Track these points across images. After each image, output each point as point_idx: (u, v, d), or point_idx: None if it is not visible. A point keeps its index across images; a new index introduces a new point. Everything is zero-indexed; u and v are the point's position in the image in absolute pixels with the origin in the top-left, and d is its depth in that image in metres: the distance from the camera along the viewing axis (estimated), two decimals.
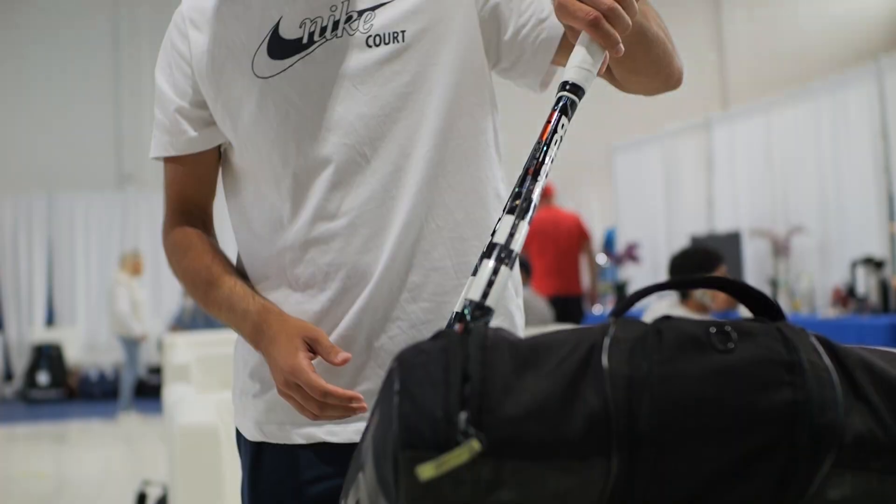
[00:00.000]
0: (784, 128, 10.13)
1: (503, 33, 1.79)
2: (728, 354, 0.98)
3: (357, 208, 1.69)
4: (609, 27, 1.39)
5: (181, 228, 1.83)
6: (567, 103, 1.39)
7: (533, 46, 1.77)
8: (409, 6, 1.73)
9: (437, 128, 1.72)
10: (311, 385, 1.57)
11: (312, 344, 1.62)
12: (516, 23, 1.78)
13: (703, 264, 5.22)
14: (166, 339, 7.64)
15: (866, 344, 3.77)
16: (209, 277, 1.76)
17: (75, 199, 14.17)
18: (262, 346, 1.67)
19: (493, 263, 1.22)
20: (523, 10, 1.78)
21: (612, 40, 1.40)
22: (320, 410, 1.58)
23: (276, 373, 1.62)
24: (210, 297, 1.77)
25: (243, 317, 1.71)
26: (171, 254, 1.84)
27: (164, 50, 1.84)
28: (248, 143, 1.75)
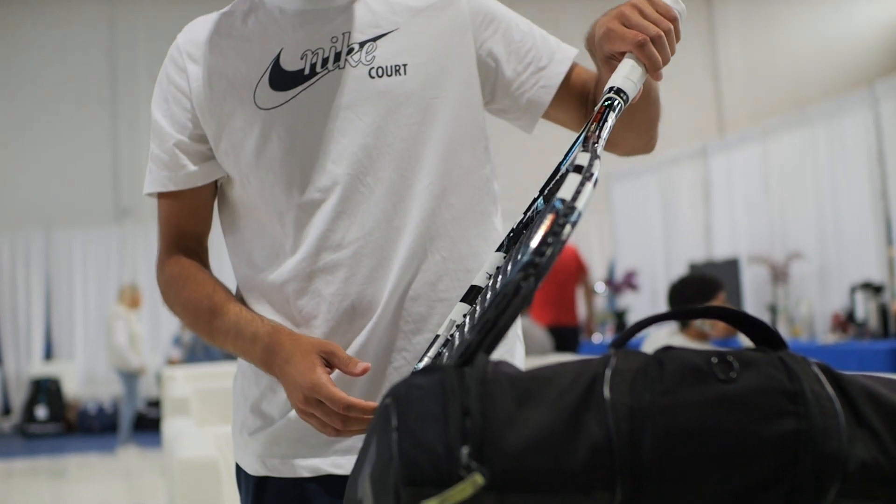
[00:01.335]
0: (781, 154, 10.15)
1: (500, 75, 1.83)
2: (730, 384, 0.98)
3: (361, 239, 1.69)
4: (655, 51, 1.47)
5: (177, 261, 1.81)
6: (615, 103, 1.42)
7: (529, 94, 1.83)
8: (409, 40, 1.75)
9: (440, 160, 1.73)
10: (334, 398, 1.53)
11: (329, 358, 1.59)
12: (514, 68, 1.83)
13: (702, 292, 5.21)
14: (165, 372, 7.61)
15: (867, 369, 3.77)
16: (212, 306, 1.74)
17: (73, 233, 14.18)
18: (276, 367, 1.63)
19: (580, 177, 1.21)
20: (522, 56, 1.83)
21: (656, 63, 1.48)
22: (343, 425, 1.55)
23: (294, 391, 1.58)
24: (214, 326, 1.74)
25: (252, 340, 1.68)
26: (168, 287, 1.82)
27: (160, 84, 1.83)
28: (251, 176, 1.75)
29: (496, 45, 1.83)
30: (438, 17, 1.81)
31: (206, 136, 1.77)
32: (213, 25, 1.82)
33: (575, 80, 1.87)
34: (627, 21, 1.51)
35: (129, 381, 11.38)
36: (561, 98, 1.86)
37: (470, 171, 1.78)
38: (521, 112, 1.87)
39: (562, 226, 1.11)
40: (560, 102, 1.86)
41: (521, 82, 1.84)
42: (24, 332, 14.10)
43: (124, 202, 14.18)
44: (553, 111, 1.87)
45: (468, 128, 1.79)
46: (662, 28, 1.50)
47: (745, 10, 16.62)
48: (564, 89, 1.86)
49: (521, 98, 1.85)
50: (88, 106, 14.44)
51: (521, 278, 1.07)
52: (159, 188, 1.81)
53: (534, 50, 1.85)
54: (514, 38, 1.85)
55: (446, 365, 1.00)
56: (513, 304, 1.05)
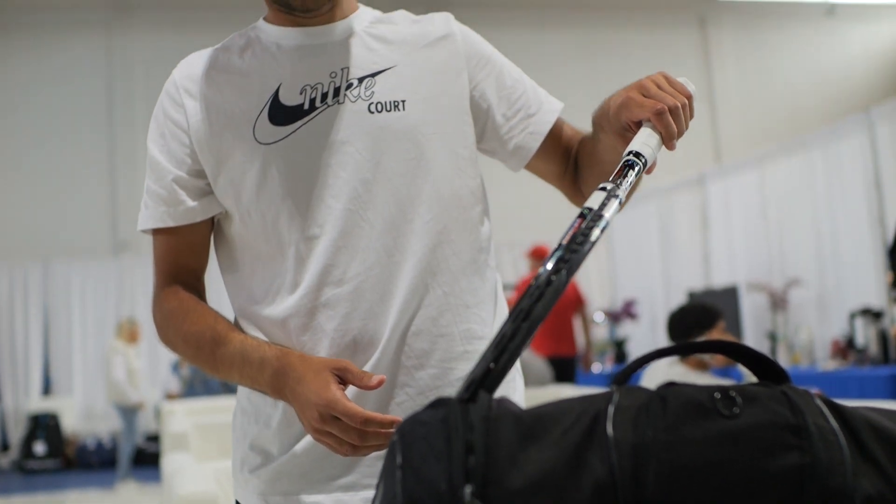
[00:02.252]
0: (778, 181, 10.17)
1: (490, 118, 1.87)
2: (733, 419, 0.97)
3: (362, 273, 1.70)
4: (671, 120, 1.52)
5: (176, 296, 1.81)
6: (634, 164, 1.46)
7: (517, 139, 1.88)
8: (407, 77, 1.78)
9: (439, 195, 1.74)
10: (351, 413, 1.52)
11: (342, 374, 1.58)
12: (504, 113, 1.88)
13: (701, 321, 5.21)
14: (164, 406, 7.59)
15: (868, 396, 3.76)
16: (215, 336, 1.73)
17: (71, 267, 14.17)
18: (288, 388, 1.62)
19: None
20: (513, 101, 1.88)
21: (672, 132, 1.53)
22: (361, 440, 1.54)
23: (309, 411, 1.56)
24: (218, 356, 1.72)
25: (261, 366, 1.67)
26: (167, 322, 1.81)
27: (157, 120, 1.83)
28: (251, 211, 1.75)
29: (489, 87, 1.88)
30: (435, 54, 1.84)
31: (204, 172, 1.77)
32: (209, 61, 1.82)
33: (560, 133, 1.93)
34: (647, 91, 1.57)
35: (127, 416, 11.34)
36: (546, 148, 1.91)
37: (467, 207, 1.80)
38: (508, 155, 1.92)
39: (590, 228, 1.20)
40: (544, 152, 1.91)
41: (510, 127, 1.89)
42: (22, 367, 14.06)
43: (122, 235, 14.18)
44: (535, 160, 1.92)
45: (465, 164, 1.81)
46: (679, 101, 1.55)
47: (739, 38, 16.71)
48: (550, 140, 1.91)
49: (509, 142, 1.89)
50: (86, 138, 14.47)
51: (553, 271, 1.11)
52: (157, 224, 1.81)
53: (524, 97, 1.90)
54: (506, 83, 1.90)
55: (451, 399, 1.00)
56: (546, 295, 1.10)
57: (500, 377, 1.03)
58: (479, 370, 1.03)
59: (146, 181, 1.83)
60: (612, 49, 16.16)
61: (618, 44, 16.20)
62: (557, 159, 1.94)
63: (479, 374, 1.03)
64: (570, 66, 15.86)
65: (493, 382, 1.03)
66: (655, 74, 1.61)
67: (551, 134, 1.91)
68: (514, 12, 15.78)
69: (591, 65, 15.99)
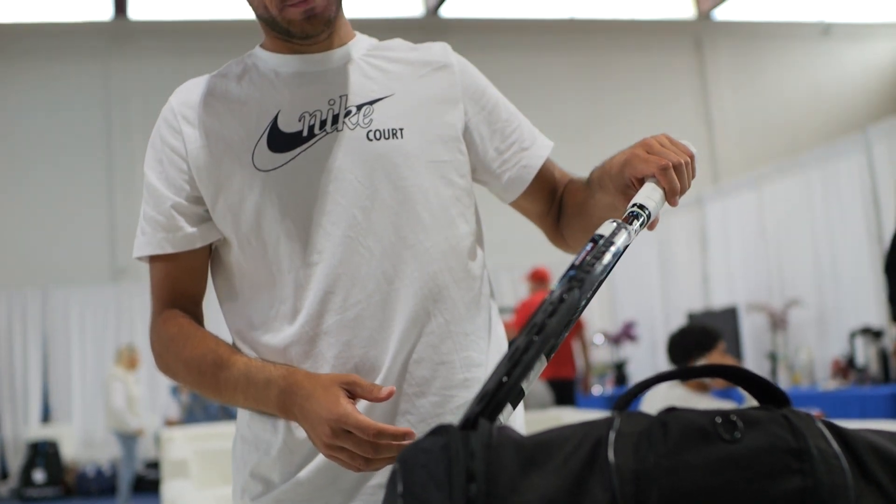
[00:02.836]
0: (776, 201, 10.17)
1: (484, 151, 1.90)
2: (735, 444, 0.97)
3: (363, 301, 1.70)
4: (675, 176, 1.55)
5: (175, 322, 1.80)
6: (639, 214, 1.50)
7: (511, 173, 1.91)
8: (405, 105, 1.79)
9: (437, 223, 1.75)
10: (364, 426, 1.51)
11: (351, 388, 1.57)
12: (498, 146, 1.91)
13: (701, 343, 5.21)
14: (164, 433, 7.57)
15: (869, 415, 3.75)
16: (217, 360, 1.72)
17: (70, 293, 14.14)
18: (296, 406, 1.61)
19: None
20: (507, 135, 1.92)
21: (675, 187, 1.56)
22: (375, 452, 1.53)
23: (320, 426, 1.55)
24: (222, 379, 1.71)
25: (266, 386, 1.66)
26: (166, 348, 1.80)
27: (154, 146, 1.83)
28: (250, 237, 1.75)
29: (484, 120, 1.90)
30: (433, 84, 1.86)
31: (202, 199, 1.77)
32: (206, 87, 1.83)
33: (548, 173, 1.97)
34: (651, 149, 1.59)
35: (127, 443, 11.30)
36: (533, 186, 1.94)
37: (463, 235, 1.81)
38: (500, 187, 1.94)
39: (602, 252, 1.23)
40: (531, 190, 1.95)
41: (504, 160, 1.91)
42: (21, 395, 14.02)
43: (121, 262, 14.17)
44: (521, 197, 1.95)
45: (461, 193, 1.83)
46: (682, 158, 1.58)
47: (735, 59, 16.76)
48: (538, 178, 1.94)
49: (502, 175, 1.92)
50: (84, 165, 14.48)
51: (565, 289, 1.13)
52: (156, 250, 1.80)
53: (518, 131, 1.94)
54: (502, 116, 1.93)
55: (451, 427, 1.00)
56: (559, 311, 1.11)
57: (512, 390, 1.03)
58: (491, 383, 1.03)
59: (143, 207, 1.83)
60: (609, 71, 16.21)
61: (615, 66, 16.25)
62: (543, 198, 1.97)
63: (491, 387, 1.03)
64: (567, 88, 15.91)
65: (506, 395, 1.03)
66: (659, 135, 1.64)
67: (540, 172, 1.94)
68: (511, 36, 15.84)
69: (589, 87, 16.04)
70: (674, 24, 16.73)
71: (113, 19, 14.67)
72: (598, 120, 15.88)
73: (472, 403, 1.03)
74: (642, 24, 16.59)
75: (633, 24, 16.55)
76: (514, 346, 1.06)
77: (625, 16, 16.55)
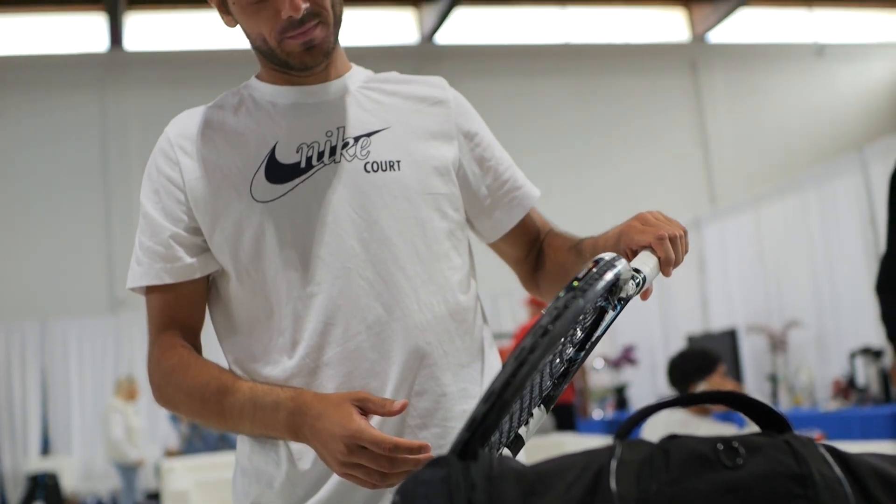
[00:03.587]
0: (773, 222, 10.17)
1: (476, 188, 1.93)
2: (737, 471, 0.97)
3: (363, 332, 1.70)
4: (670, 247, 1.59)
5: (175, 352, 1.79)
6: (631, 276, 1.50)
7: (501, 210, 1.95)
8: (402, 138, 1.80)
9: (435, 255, 1.77)
10: (379, 441, 1.51)
11: (362, 404, 1.57)
12: (489, 185, 1.94)
13: (701, 366, 5.21)
14: (164, 463, 7.54)
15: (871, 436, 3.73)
16: (221, 386, 1.71)
17: (68, 325, 14.11)
18: (307, 427, 1.60)
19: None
20: (499, 174, 1.95)
21: (670, 257, 1.59)
22: (392, 466, 1.52)
23: (334, 445, 1.54)
24: (227, 406, 1.70)
25: (274, 408, 1.65)
26: (166, 379, 1.78)
27: (150, 177, 1.83)
28: (248, 269, 1.74)
29: (477, 158, 1.93)
30: (429, 118, 1.87)
31: (200, 229, 1.78)
32: (203, 119, 1.83)
33: (533, 219, 2.01)
34: (647, 222, 1.64)
35: (127, 474, 11.27)
36: (518, 229, 1.98)
37: (458, 267, 1.83)
38: (486, 225, 1.97)
39: (604, 271, 1.25)
40: (516, 233, 1.98)
41: (496, 197, 1.94)
42: (20, 427, 13.96)
43: (119, 292, 14.15)
44: (501, 240, 1.99)
45: (454, 226, 1.85)
46: (677, 231, 1.62)
47: (730, 81, 16.80)
48: (524, 222, 1.98)
49: (492, 212, 1.95)
50: (81, 196, 14.48)
51: (569, 298, 1.14)
52: (154, 281, 1.79)
53: (510, 171, 1.97)
54: (495, 154, 1.96)
55: (451, 458, 0.99)
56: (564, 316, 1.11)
57: (519, 388, 1.03)
58: (498, 383, 1.03)
59: (139, 238, 1.82)
60: (604, 95, 16.25)
61: (610, 90, 16.29)
62: (524, 244, 2.00)
63: (498, 387, 1.03)
64: (563, 112, 15.94)
65: (513, 393, 1.03)
66: (653, 211, 1.68)
67: (525, 217, 1.98)
68: (506, 61, 15.88)
69: (585, 111, 16.08)
70: (668, 48, 16.78)
71: (108, 50, 14.70)
72: (594, 143, 15.91)
73: (478, 404, 1.03)
74: (637, 48, 16.64)
75: (628, 48, 16.60)
76: (520, 346, 1.06)
77: (619, 40, 16.60)
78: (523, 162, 2.07)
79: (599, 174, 15.66)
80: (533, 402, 1.46)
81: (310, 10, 1.71)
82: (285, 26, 1.71)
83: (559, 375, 1.50)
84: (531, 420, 1.46)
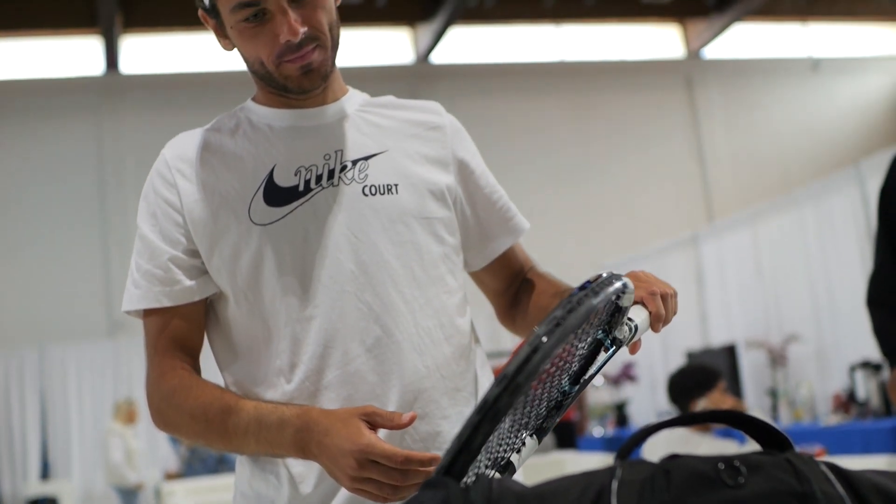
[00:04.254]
0: (771, 237, 10.17)
1: (470, 215, 1.94)
2: (739, 489, 0.96)
3: (362, 355, 1.69)
4: (661, 303, 1.60)
5: (175, 374, 1.78)
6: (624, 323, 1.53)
7: (492, 238, 1.97)
8: (399, 162, 1.81)
9: (431, 279, 1.77)
10: (391, 454, 1.51)
11: (370, 419, 1.56)
12: (481, 214, 1.96)
13: (701, 383, 5.20)
14: (164, 487, 7.52)
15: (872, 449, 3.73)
16: (225, 406, 1.70)
17: (66, 349, 14.08)
18: (314, 444, 1.59)
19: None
20: (493, 203, 1.97)
21: (660, 313, 1.61)
22: (404, 479, 1.51)
23: (343, 460, 1.53)
24: (231, 426, 1.69)
25: (280, 426, 1.64)
26: (167, 402, 1.77)
27: (147, 199, 1.82)
28: (246, 291, 1.74)
29: (471, 184, 1.94)
30: (425, 143, 1.88)
31: (198, 251, 1.77)
32: (200, 141, 1.83)
33: (516, 253, 2.02)
34: (638, 279, 1.64)
35: (127, 497, 11.24)
36: (502, 261, 1.99)
37: (453, 291, 1.84)
38: (476, 251, 1.98)
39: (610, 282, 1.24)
40: (499, 265, 2.00)
41: (487, 225, 1.96)
42: (19, 452, 13.93)
43: (117, 316, 14.12)
44: (483, 271, 2.00)
45: (450, 250, 1.86)
46: (669, 290, 1.64)
47: (726, 97, 16.84)
48: (509, 255, 2.00)
49: (481, 239, 1.97)
50: (78, 221, 14.48)
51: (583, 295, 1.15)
52: (153, 304, 1.79)
53: (502, 200, 1.99)
54: (489, 181, 1.97)
55: (449, 480, 0.98)
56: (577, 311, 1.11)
57: (534, 372, 1.02)
58: (511, 367, 1.02)
59: (135, 261, 1.81)
60: (601, 112, 16.28)
61: (606, 107, 16.32)
62: (505, 276, 2.01)
63: (512, 370, 1.02)
64: (559, 130, 15.96)
65: (529, 376, 1.02)
66: (645, 270, 1.70)
67: (511, 250, 2.00)
68: (501, 80, 15.91)
69: (581, 128, 16.10)
70: (664, 64, 16.82)
71: (104, 74, 14.72)
72: (591, 161, 15.93)
73: (492, 386, 1.03)
74: (632, 65, 16.68)
75: (624, 65, 16.64)
76: (533, 334, 1.06)
77: (615, 57, 16.64)
78: (521, 180, 2.09)
79: (597, 191, 15.68)
80: (528, 425, 1.46)
81: (308, 33, 1.71)
82: (283, 50, 1.72)
83: (554, 407, 1.49)
84: (524, 449, 1.45)
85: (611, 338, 1.49)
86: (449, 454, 1.03)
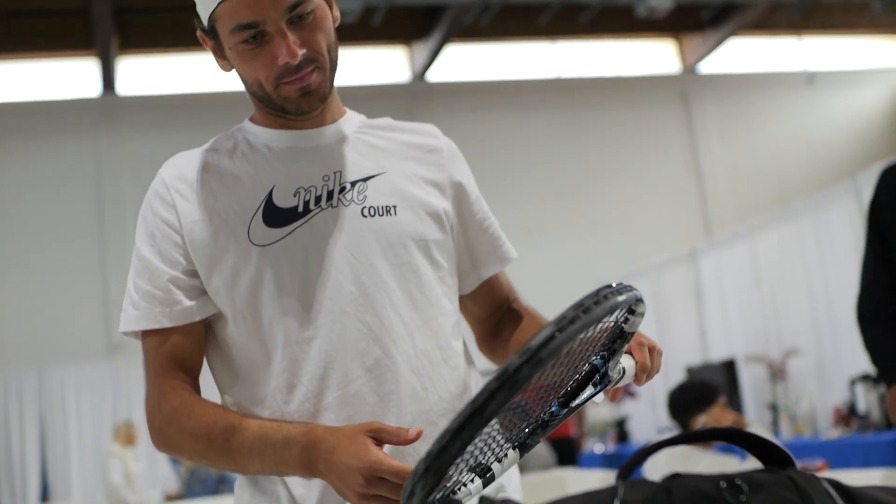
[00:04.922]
0: (769, 251, 10.17)
1: (463, 239, 1.95)
2: None
3: (362, 377, 1.69)
4: (648, 354, 1.61)
5: (176, 394, 1.77)
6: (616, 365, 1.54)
7: (482, 263, 1.98)
8: (397, 184, 1.82)
9: (429, 300, 1.78)
10: (398, 470, 1.50)
11: (377, 435, 1.56)
12: (472, 240, 1.97)
13: (701, 398, 5.20)
14: None
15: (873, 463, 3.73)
16: (228, 425, 1.69)
17: (66, 371, 14.05)
18: (321, 462, 1.58)
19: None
20: (485, 229, 1.98)
21: (645, 363, 1.61)
22: None
23: (351, 477, 1.53)
24: (234, 445, 1.68)
25: (286, 445, 1.63)
26: (168, 422, 1.76)
27: (146, 219, 1.82)
28: (245, 312, 1.74)
29: (465, 209, 1.95)
30: (423, 165, 1.89)
31: (197, 272, 1.77)
32: (198, 162, 1.83)
33: (500, 282, 2.03)
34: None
35: None
36: (486, 289, 2.00)
37: (449, 312, 1.84)
38: (466, 274, 1.98)
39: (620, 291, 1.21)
40: (483, 293, 2.01)
41: (477, 250, 1.97)
42: (19, 474, 13.88)
43: (116, 337, 14.10)
44: (467, 297, 2.00)
45: (445, 273, 1.86)
46: (655, 345, 1.66)
47: (722, 111, 16.85)
48: (494, 282, 2.01)
49: (469, 264, 1.97)
50: (76, 243, 14.46)
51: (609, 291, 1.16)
52: (153, 325, 1.78)
53: (493, 227, 2.00)
54: (483, 207, 1.98)
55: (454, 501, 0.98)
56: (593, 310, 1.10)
57: (556, 351, 1.03)
58: (536, 341, 1.02)
59: (133, 281, 1.80)
60: (597, 128, 16.29)
61: (603, 123, 16.33)
62: (488, 304, 2.02)
63: (536, 344, 1.03)
64: (556, 146, 15.97)
65: (551, 353, 1.03)
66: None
67: (496, 278, 2.00)
68: (498, 97, 15.92)
69: (577, 144, 16.11)
70: (659, 79, 16.84)
71: (101, 95, 14.73)
72: (588, 177, 15.93)
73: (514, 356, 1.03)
74: (628, 81, 16.70)
75: (619, 81, 16.66)
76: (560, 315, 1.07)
77: (610, 73, 16.66)
78: (518, 196, 2.10)
79: (594, 207, 15.67)
80: (512, 437, 1.46)
81: (306, 55, 1.71)
82: (282, 72, 1.72)
83: (540, 425, 1.50)
84: (505, 460, 1.46)
85: (603, 370, 1.50)
86: (461, 417, 1.02)
